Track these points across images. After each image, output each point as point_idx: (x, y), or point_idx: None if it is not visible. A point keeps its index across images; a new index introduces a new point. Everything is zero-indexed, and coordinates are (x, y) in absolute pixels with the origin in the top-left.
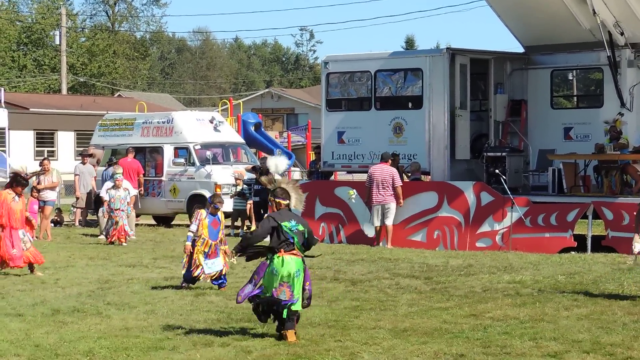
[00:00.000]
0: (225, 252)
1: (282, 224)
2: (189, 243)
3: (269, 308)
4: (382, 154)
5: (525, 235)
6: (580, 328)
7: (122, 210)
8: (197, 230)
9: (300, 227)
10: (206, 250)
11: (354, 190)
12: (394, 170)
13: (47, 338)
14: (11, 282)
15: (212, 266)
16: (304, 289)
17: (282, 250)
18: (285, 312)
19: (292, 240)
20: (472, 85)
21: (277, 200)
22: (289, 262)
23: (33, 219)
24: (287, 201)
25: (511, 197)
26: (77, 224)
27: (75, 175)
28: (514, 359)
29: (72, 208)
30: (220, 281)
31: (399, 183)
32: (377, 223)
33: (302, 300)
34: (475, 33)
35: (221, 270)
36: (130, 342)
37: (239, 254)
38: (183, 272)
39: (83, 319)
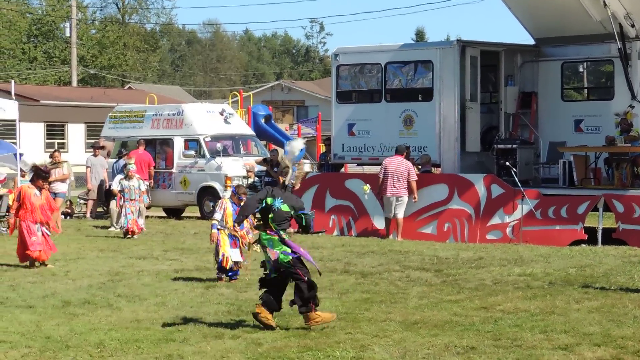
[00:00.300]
0: (249, 243)
1: (266, 199)
2: (215, 231)
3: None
4: (397, 146)
5: (535, 228)
6: (591, 321)
7: (136, 200)
8: (222, 218)
9: (284, 207)
10: (230, 239)
11: (369, 186)
12: (410, 164)
13: (57, 330)
14: (22, 274)
15: (235, 256)
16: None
17: (264, 227)
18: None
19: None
20: (482, 77)
21: (279, 176)
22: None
23: (55, 211)
24: (285, 177)
25: (522, 189)
26: (88, 215)
27: (87, 167)
28: (524, 351)
29: (78, 200)
30: (232, 273)
31: (414, 178)
32: (390, 215)
33: None
34: (485, 25)
35: (238, 263)
36: (141, 334)
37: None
38: (216, 263)
39: (93, 311)
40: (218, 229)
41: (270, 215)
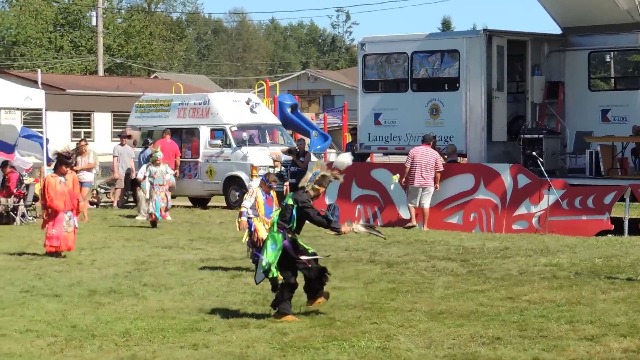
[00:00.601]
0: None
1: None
2: (244, 219)
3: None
4: (424, 136)
5: (562, 218)
6: (617, 311)
7: (163, 185)
8: (253, 207)
9: (289, 201)
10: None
11: (398, 175)
12: (437, 154)
13: (83, 319)
14: (48, 263)
15: None
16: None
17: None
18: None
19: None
20: (509, 66)
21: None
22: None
23: (82, 201)
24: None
25: (548, 179)
26: (115, 205)
27: (114, 156)
28: (550, 342)
29: (99, 189)
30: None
31: (440, 168)
32: (417, 204)
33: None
34: (512, 14)
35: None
36: (167, 324)
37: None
38: (247, 249)
39: (119, 300)
40: (250, 218)
41: (278, 212)
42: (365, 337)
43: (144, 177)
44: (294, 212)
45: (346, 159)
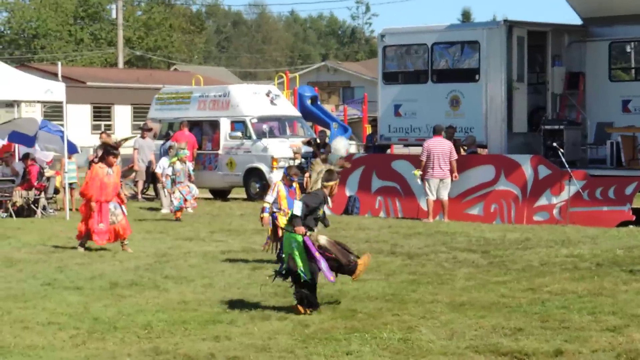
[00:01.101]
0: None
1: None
2: (266, 214)
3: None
4: (435, 126)
5: (583, 209)
6: (638, 302)
7: (185, 182)
8: (275, 201)
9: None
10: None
11: (419, 170)
12: (450, 142)
13: (105, 311)
14: (69, 255)
15: None
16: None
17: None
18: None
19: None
20: (529, 57)
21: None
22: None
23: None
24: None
25: (569, 170)
26: (139, 197)
27: (135, 149)
28: (572, 333)
29: (126, 184)
30: None
31: (455, 157)
32: (434, 197)
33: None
34: (532, 5)
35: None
36: (188, 316)
37: None
38: (267, 242)
39: (141, 292)
40: (274, 212)
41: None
42: (387, 328)
43: (167, 176)
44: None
45: (340, 143)
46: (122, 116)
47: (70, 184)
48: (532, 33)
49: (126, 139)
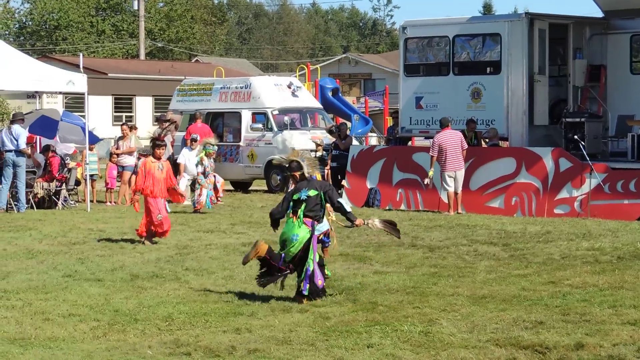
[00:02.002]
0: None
1: (293, 197)
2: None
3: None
4: (442, 119)
5: (604, 202)
6: None
7: (209, 175)
8: None
9: (312, 192)
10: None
11: (432, 171)
12: (460, 133)
13: (126, 303)
14: (90, 247)
15: (320, 227)
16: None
17: (292, 214)
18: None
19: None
20: (550, 50)
21: (292, 173)
22: (296, 224)
23: (176, 186)
24: (300, 171)
25: (590, 163)
26: None
27: None
28: (593, 326)
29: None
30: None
31: (466, 146)
32: (453, 188)
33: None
34: None
35: (326, 230)
36: (209, 308)
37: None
38: None
39: (162, 284)
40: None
41: (302, 207)
42: (408, 321)
43: (199, 173)
44: (322, 200)
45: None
46: (144, 108)
47: (91, 176)
48: (553, 26)
49: (168, 126)
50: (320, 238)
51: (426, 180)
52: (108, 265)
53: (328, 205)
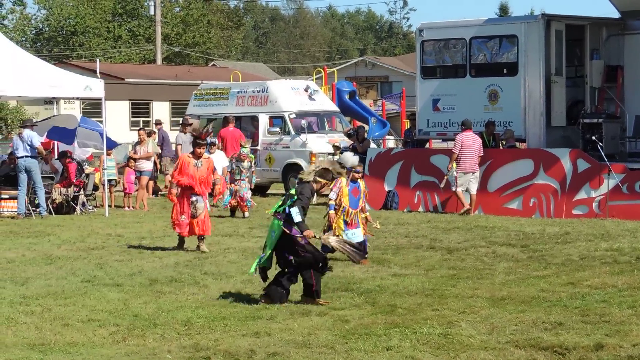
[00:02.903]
0: (366, 219)
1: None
2: (332, 211)
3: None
4: (465, 121)
5: (622, 203)
6: None
7: (244, 180)
8: (337, 198)
9: (292, 191)
10: (346, 219)
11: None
12: (479, 139)
13: (145, 308)
14: (109, 252)
15: (352, 237)
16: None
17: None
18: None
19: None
20: (567, 51)
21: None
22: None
23: (218, 183)
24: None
25: (608, 164)
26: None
27: (178, 144)
28: (612, 327)
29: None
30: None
31: (482, 153)
32: (465, 188)
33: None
34: None
35: (361, 242)
36: (228, 312)
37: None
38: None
39: (180, 288)
40: (335, 209)
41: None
42: (427, 323)
43: (227, 172)
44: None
45: (350, 158)
46: (161, 112)
47: (109, 181)
48: (570, 27)
49: (208, 128)
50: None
51: (442, 183)
52: (127, 270)
53: (368, 214)
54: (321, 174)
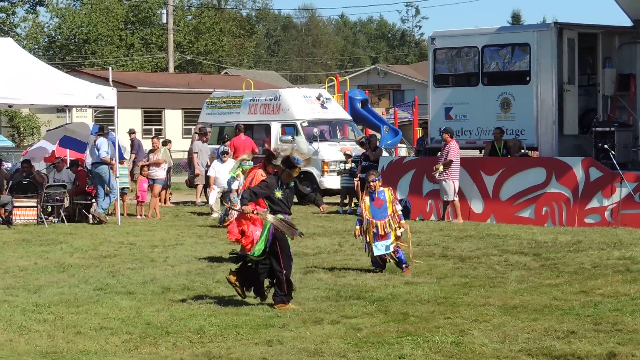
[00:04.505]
0: (399, 227)
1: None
2: (357, 227)
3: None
4: (449, 129)
5: (634, 211)
6: None
7: None
8: (362, 211)
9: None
10: (374, 231)
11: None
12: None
13: (157, 316)
14: (121, 260)
15: (381, 248)
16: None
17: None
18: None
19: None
20: (580, 59)
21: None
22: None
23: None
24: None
25: (620, 172)
26: (198, 201)
27: (194, 152)
28: (625, 335)
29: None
30: (402, 263)
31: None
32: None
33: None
34: (582, 7)
35: (394, 252)
36: (240, 320)
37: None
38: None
39: (193, 296)
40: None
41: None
42: (439, 332)
43: (234, 190)
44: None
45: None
46: (173, 121)
47: (122, 189)
48: (582, 35)
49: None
50: (396, 257)
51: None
52: (139, 278)
53: (404, 222)
54: (283, 162)
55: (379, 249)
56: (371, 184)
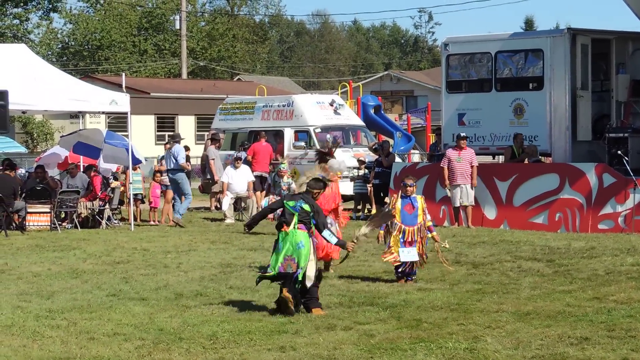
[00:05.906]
0: (432, 239)
1: (286, 202)
2: (381, 231)
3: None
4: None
5: None
6: None
7: (277, 196)
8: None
9: (305, 206)
10: (400, 236)
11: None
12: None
13: (170, 322)
14: (134, 266)
15: (407, 255)
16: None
17: (284, 225)
18: (296, 285)
19: (293, 214)
20: (593, 65)
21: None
22: (292, 234)
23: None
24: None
25: (634, 178)
26: (212, 208)
27: (211, 159)
28: (639, 342)
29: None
30: (408, 274)
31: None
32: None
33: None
34: (595, 13)
35: (415, 263)
36: (253, 326)
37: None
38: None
39: (206, 302)
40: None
41: (296, 217)
42: (453, 338)
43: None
44: (312, 218)
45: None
46: (186, 127)
47: (135, 195)
48: (595, 41)
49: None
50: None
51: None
52: (152, 284)
53: (435, 233)
54: (311, 185)
55: (407, 255)
56: (408, 188)
